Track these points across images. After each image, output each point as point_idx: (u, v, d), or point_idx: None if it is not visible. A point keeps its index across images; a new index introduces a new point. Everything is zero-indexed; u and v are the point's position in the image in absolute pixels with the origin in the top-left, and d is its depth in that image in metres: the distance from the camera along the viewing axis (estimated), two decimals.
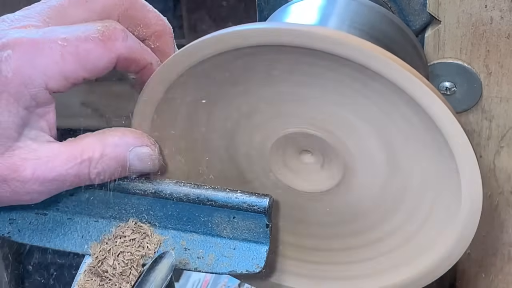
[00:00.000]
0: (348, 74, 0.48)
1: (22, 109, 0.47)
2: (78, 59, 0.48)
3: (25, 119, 0.48)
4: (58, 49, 0.48)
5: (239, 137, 0.54)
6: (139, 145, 0.51)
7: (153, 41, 0.54)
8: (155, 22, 0.54)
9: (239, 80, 0.50)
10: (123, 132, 0.51)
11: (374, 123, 0.50)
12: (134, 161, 0.51)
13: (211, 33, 0.48)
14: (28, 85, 0.47)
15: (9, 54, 0.47)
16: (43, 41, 0.48)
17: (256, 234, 0.53)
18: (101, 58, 0.49)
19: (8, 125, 0.47)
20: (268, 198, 0.52)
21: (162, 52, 0.54)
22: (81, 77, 0.49)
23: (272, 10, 0.61)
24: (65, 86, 0.49)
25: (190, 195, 0.52)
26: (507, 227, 0.64)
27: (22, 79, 0.47)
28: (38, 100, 0.48)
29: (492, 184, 0.62)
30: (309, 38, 0.46)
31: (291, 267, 0.59)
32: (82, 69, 0.48)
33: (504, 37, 0.57)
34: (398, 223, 0.54)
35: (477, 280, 0.68)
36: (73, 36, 0.48)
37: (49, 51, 0.47)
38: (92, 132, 0.51)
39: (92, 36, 0.48)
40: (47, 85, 0.48)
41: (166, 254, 0.53)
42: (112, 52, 0.49)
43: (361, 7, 0.57)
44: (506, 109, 0.59)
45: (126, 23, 0.52)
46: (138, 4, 0.54)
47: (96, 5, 0.52)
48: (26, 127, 0.48)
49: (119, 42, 0.49)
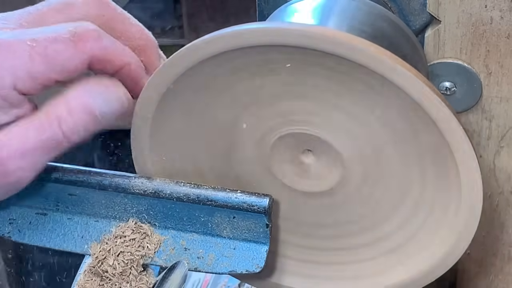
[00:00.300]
0: (348, 74, 0.48)
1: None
2: (46, 60, 0.47)
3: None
4: (27, 50, 0.47)
5: (239, 137, 0.54)
6: (102, 90, 0.50)
7: (137, 54, 0.53)
8: (138, 37, 0.53)
9: (238, 80, 0.50)
10: (85, 82, 0.50)
11: (373, 123, 0.50)
12: (102, 107, 0.49)
13: (211, 33, 0.48)
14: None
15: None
16: (12, 42, 0.47)
17: (256, 234, 0.53)
18: (71, 59, 0.48)
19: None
20: (268, 198, 0.52)
21: (146, 66, 0.53)
22: (51, 79, 0.48)
23: (272, 10, 0.61)
24: (35, 88, 0.48)
25: (190, 195, 0.52)
26: (507, 227, 0.64)
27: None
28: (9, 101, 0.47)
29: (492, 184, 0.62)
30: (309, 38, 0.46)
31: (291, 267, 0.59)
32: (51, 70, 0.47)
33: (504, 37, 0.57)
34: (398, 223, 0.54)
35: (477, 280, 0.68)
36: (42, 36, 0.47)
37: (17, 52, 0.47)
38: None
39: (62, 37, 0.47)
40: (16, 86, 0.47)
41: (179, 264, 0.53)
42: (84, 53, 0.48)
43: (361, 7, 0.57)
44: (506, 109, 0.59)
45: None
46: (120, 16, 0.53)
47: (75, 13, 0.51)
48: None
49: (91, 43, 0.48)
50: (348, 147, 0.52)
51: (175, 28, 2.27)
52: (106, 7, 0.53)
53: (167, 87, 0.51)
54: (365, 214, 0.55)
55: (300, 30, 0.46)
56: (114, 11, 0.53)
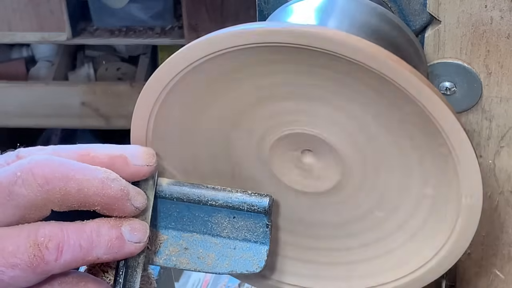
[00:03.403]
0: (348, 75, 0.48)
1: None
2: (4, 285, 0.46)
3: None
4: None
5: (239, 137, 0.54)
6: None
7: (108, 211, 0.50)
8: (99, 199, 0.49)
9: (238, 80, 0.50)
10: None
11: (373, 123, 0.50)
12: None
13: (211, 33, 0.48)
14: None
15: None
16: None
17: (256, 234, 0.53)
18: (29, 281, 0.47)
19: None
20: (268, 198, 0.52)
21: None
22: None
23: (272, 10, 0.60)
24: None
25: (190, 195, 0.52)
26: (507, 227, 0.64)
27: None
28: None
29: (492, 184, 0.62)
30: (309, 38, 0.46)
31: (291, 267, 0.59)
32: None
33: (504, 37, 0.57)
34: (398, 223, 0.54)
35: (477, 280, 0.67)
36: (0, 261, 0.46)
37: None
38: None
39: (19, 262, 0.46)
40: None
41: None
42: (43, 274, 0.47)
43: (361, 7, 0.57)
44: (506, 109, 0.59)
45: (68, 207, 0.49)
46: (74, 191, 0.48)
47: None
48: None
49: (51, 265, 0.47)
50: (348, 147, 0.52)
51: (175, 28, 2.27)
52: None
53: (166, 87, 0.51)
54: (365, 214, 0.55)
55: (301, 30, 0.46)
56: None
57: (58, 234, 0.47)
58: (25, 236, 0.47)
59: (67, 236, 0.48)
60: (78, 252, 0.48)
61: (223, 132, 0.54)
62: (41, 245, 0.47)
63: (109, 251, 0.49)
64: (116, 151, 0.51)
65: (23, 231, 0.47)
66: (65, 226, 0.48)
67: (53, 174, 0.47)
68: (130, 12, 2.18)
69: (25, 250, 0.46)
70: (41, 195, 0.47)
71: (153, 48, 2.30)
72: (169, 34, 2.19)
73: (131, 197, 0.49)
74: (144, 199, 0.50)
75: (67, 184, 0.48)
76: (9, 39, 2.18)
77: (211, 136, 0.54)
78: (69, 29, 2.16)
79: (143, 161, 0.51)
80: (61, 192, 0.48)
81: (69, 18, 2.15)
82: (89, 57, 2.33)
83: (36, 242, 0.47)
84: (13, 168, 0.48)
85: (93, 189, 0.48)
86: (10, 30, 2.16)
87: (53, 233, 0.47)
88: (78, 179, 0.48)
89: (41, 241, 0.47)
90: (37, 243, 0.47)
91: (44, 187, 0.47)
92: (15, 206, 0.47)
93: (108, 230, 0.49)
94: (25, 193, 0.47)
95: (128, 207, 0.50)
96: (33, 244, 0.47)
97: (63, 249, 0.47)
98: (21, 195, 0.47)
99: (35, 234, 0.47)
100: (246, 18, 1.98)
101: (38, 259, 0.46)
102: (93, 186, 0.48)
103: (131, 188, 0.50)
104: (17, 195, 0.47)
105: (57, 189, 0.47)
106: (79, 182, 0.48)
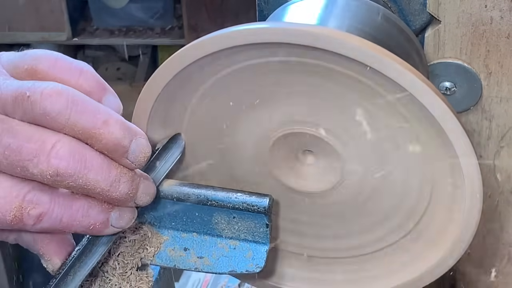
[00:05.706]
0: (348, 75, 0.48)
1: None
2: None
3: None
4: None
5: (239, 137, 0.54)
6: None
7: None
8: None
9: (238, 80, 0.50)
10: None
11: (374, 123, 0.50)
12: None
13: (211, 33, 0.48)
14: None
15: None
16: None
17: (256, 234, 0.53)
18: (2, 226, 0.48)
19: None
20: (268, 198, 0.52)
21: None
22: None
23: (272, 10, 0.61)
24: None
25: (190, 195, 0.52)
26: (507, 227, 0.64)
27: None
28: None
29: (492, 184, 0.62)
30: (309, 38, 0.46)
31: (291, 267, 0.59)
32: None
33: (504, 37, 0.57)
34: (398, 223, 0.54)
35: (477, 280, 0.67)
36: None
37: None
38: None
39: (1, 216, 0.48)
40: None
41: (176, 137, 0.54)
42: (17, 229, 0.49)
43: (361, 7, 0.57)
44: (506, 109, 0.59)
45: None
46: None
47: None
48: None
49: (27, 227, 0.49)
50: (348, 147, 0.52)
51: (175, 28, 2.27)
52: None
53: (166, 87, 0.51)
54: (365, 214, 0.55)
55: (301, 30, 0.46)
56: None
57: (44, 204, 0.48)
58: (14, 195, 0.48)
59: (51, 208, 0.48)
60: (57, 225, 0.49)
61: (223, 131, 0.54)
62: (24, 209, 0.48)
63: (87, 231, 0.50)
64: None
65: (14, 188, 0.48)
66: (55, 196, 0.49)
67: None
68: (130, 12, 2.18)
69: (9, 209, 0.48)
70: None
71: (153, 48, 2.30)
72: (169, 34, 2.19)
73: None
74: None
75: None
76: (9, 39, 2.18)
77: (211, 136, 0.54)
78: (69, 29, 2.16)
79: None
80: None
81: (69, 18, 2.15)
82: (89, 57, 2.33)
83: (21, 205, 0.48)
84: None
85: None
86: (10, 30, 2.17)
87: (39, 201, 0.48)
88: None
89: (25, 206, 0.48)
90: (22, 206, 0.48)
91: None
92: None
93: (97, 214, 0.50)
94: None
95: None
96: (18, 206, 0.48)
97: (43, 219, 0.48)
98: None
99: (23, 196, 0.48)
100: (246, 18, 1.98)
101: (17, 220, 0.48)
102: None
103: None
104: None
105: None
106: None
